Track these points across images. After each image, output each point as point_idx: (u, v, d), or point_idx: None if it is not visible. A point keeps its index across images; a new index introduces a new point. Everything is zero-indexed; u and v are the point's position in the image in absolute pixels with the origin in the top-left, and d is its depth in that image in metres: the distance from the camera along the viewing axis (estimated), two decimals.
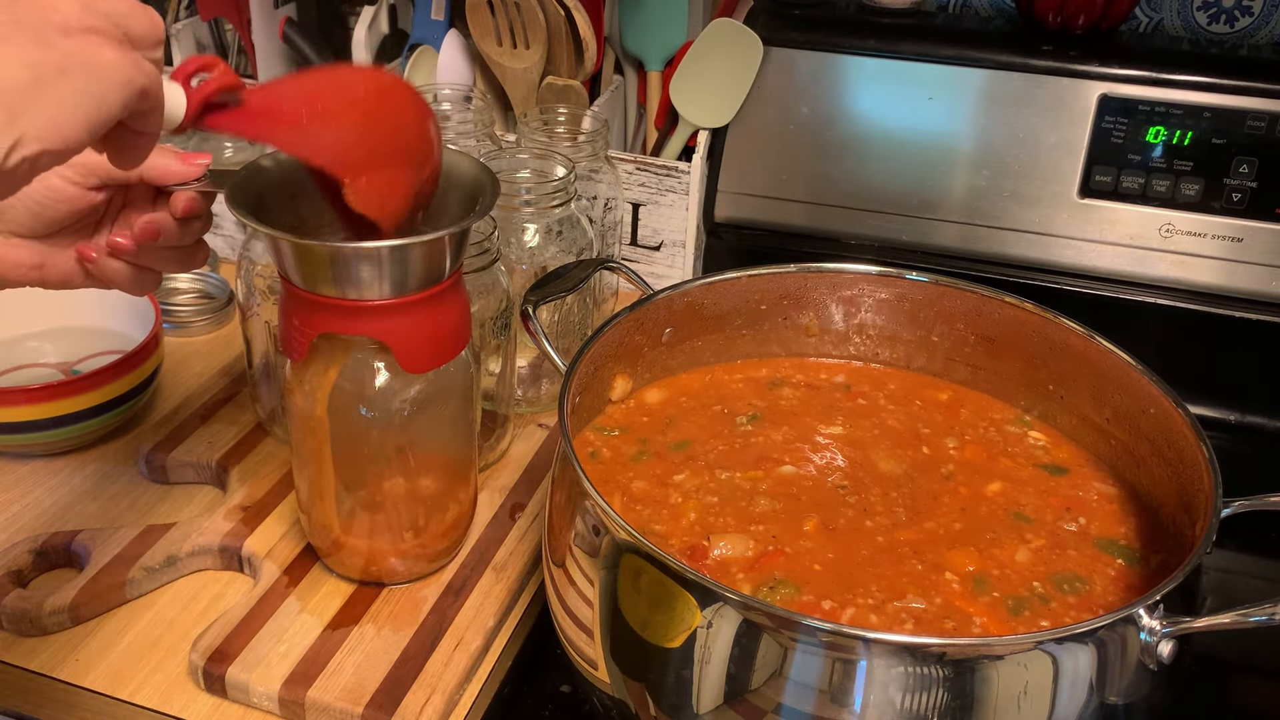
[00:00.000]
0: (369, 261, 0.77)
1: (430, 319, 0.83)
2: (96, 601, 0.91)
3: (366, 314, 0.80)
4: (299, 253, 0.78)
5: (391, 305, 0.80)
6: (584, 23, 1.29)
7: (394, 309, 0.80)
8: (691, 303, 0.98)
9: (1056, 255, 1.28)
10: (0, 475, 1.05)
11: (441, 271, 0.81)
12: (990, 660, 0.64)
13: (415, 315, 0.81)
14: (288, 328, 0.83)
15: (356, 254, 0.77)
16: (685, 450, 0.93)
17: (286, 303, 0.83)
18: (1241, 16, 1.33)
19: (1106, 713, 0.68)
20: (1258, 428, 1.25)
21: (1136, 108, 1.21)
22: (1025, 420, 0.98)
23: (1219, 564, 1.03)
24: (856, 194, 1.33)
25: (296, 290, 0.80)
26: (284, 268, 0.80)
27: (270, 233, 0.77)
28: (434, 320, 0.83)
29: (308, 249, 0.78)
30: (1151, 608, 0.66)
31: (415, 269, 0.79)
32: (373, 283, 0.78)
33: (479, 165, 0.86)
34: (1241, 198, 1.21)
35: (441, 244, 0.80)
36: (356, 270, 0.78)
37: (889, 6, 1.34)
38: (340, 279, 0.78)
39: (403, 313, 0.80)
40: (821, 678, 0.65)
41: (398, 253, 0.78)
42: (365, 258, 0.77)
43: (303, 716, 0.83)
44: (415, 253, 0.78)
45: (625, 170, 1.34)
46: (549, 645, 0.91)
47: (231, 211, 0.77)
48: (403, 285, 0.79)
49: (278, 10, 1.40)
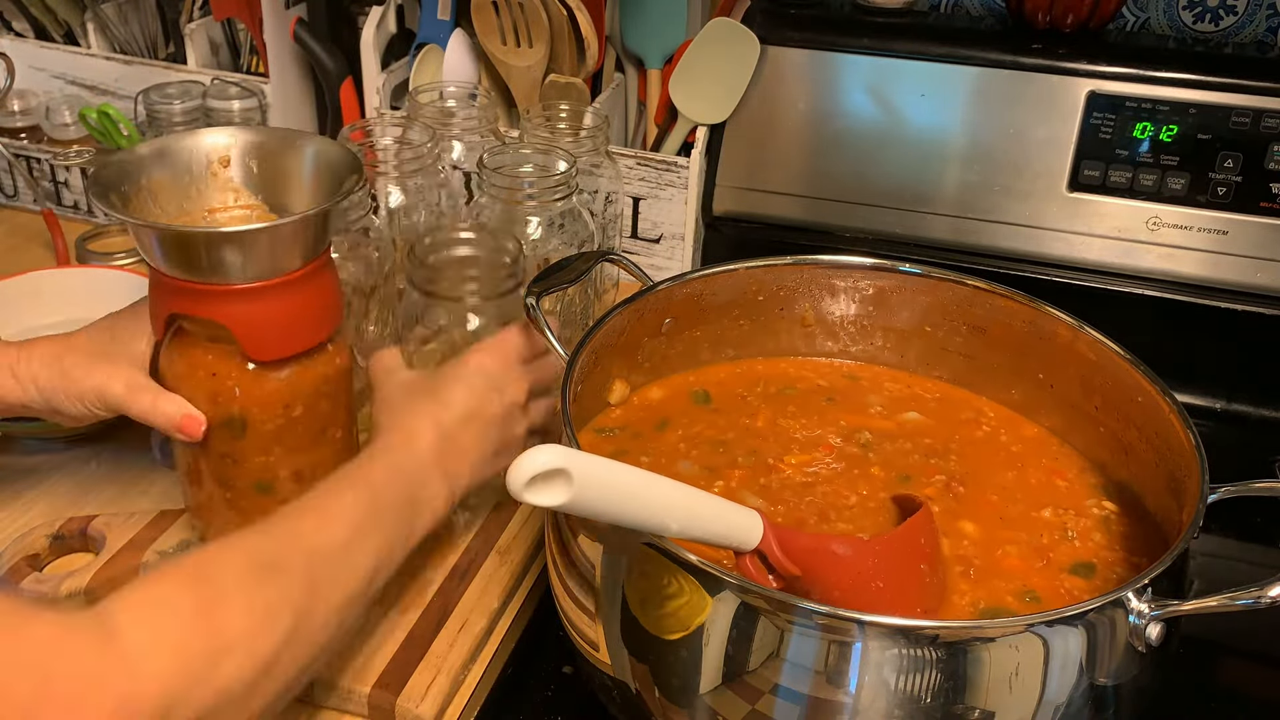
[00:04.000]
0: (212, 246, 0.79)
1: (275, 308, 0.83)
2: (112, 585, 0.89)
3: (208, 298, 0.81)
4: (152, 235, 0.81)
5: (231, 291, 0.81)
6: (586, 22, 1.30)
7: (234, 295, 0.81)
8: (690, 294, 0.98)
9: (1046, 248, 1.29)
10: (18, 462, 1.06)
11: (292, 260, 0.82)
12: (982, 642, 0.65)
13: (258, 303, 0.82)
14: (150, 306, 0.87)
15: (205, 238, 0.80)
16: (685, 445, 0.94)
17: (150, 284, 0.86)
18: (1226, 15, 1.34)
19: (1096, 694, 0.69)
20: (1242, 415, 1.26)
21: (1124, 104, 1.22)
22: None
23: (1206, 549, 1.00)
24: (851, 188, 1.34)
25: (157, 273, 0.83)
26: (145, 252, 0.83)
27: (124, 219, 0.81)
28: (280, 309, 0.83)
29: (163, 233, 0.81)
30: (1140, 591, 0.67)
31: (260, 256, 0.80)
32: (211, 266, 0.80)
33: (345, 152, 0.88)
34: (1226, 192, 1.22)
35: (285, 232, 0.81)
36: (204, 253, 0.80)
37: (882, 6, 1.35)
38: (188, 260, 0.80)
39: (245, 299, 0.81)
40: (817, 659, 0.66)
41: (238, 239, 0.79)
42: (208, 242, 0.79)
43: (311, 696, 0.84)
44: (259, 239, 0.80)
45: (626, 165, 1.35)
46: (551, 627, 0.91)
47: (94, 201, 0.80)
48: (239, 272, 0.80)
49: (289, 11, 1.41)
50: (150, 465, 1.07)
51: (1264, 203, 1.22)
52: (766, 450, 0.93)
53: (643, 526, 0.67)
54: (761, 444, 0.94)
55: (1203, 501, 0.74)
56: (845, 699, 0.66)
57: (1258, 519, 1.10)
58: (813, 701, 0.67)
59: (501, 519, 1.00)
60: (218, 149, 0.89)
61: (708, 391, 1.00)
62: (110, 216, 0.83)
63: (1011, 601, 0.79)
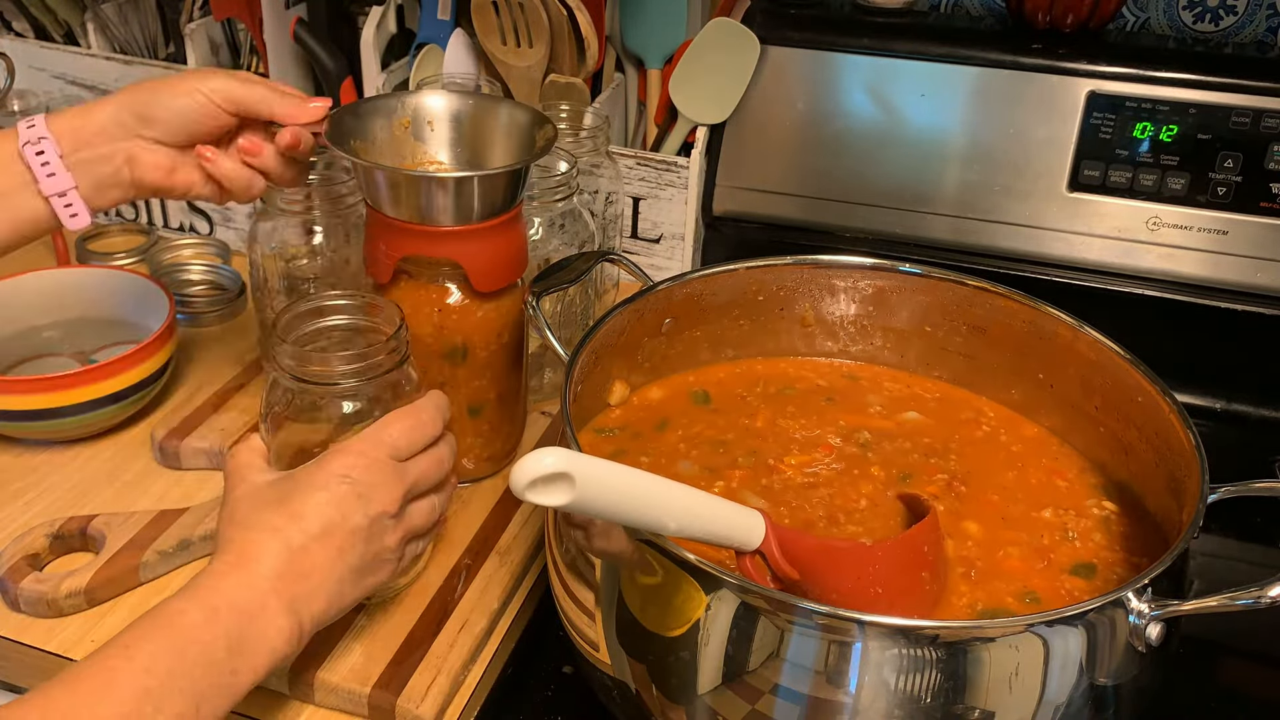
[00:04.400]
0: (444, 190, 0.89)
1: (496, 245, 0.93)
2: (111, 584, 0.92)
3: (443, 239, 0.91)
4: (390, 180, 0.90)
5: (463, 231, 0.91)
6: (586, 22, 1.29)
7: (465, 235, 0.91)
8: (690, 293, 0.98)
9: (1046, 248, 1.29)
10: (19, 461, 1.06)
11: (505, 203, 0.92)
12: (982, 642, 0.65)
13: (484, 241, 0.92)
14: (374, 252, 0.95)
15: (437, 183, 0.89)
16: (685, 445, 0.94)
17: (372, 229, 0.95)
18: (1226, 15, 1.34)
19: (1096, 693, 0.69)
20: (1242, 415, 1.26)
21: (1124, 104, 1.22)
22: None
23: (1206, 549, 1.02)
24: (851, 188, 1.34)
25: (383, 217, 0.92)
26: (375, 197, 0.92)
27: (366, 163, 0.90)
28: (498, 246, 0.94)
29: (398, 176, 0.91)
30: (1140, 591, 0.67)
31: (484, 200, 0.90)
32: (446, 210, 0.90)
33: (534, 112, 0.97)
34: (1226, 192, 1.22)
35: (503, 179, 0.91)
36: (433, 198, 0.89)
37: (882, 6, 1.35)
38: (422, 206, 0.90)
39: (474, 238, 0.92)
40: (817, 659, 0.66)
41: (468, 184, 0.90)
42: (441, 186, 0.89)
43: (311, 696, 0.85)
44: (483, 185, 0.90)
45: (626, 165, 1.35)
46: (551, 627, 0.92)
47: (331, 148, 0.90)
48: (469, 214, 0.90)
49: (289, 10, 1.41)
50: (149, 466, 1.07)
51: (1264, 203, 1.22)
52: (766, 450, 0.93)
53: (644, 525, 0.67)
54: (761, 444, 0.94)
55: (1203, 501, 0.74)
56: (845, 699, 0.66)
57: (1258, 519, 1.10)
58: (813, 701, 0.67)
59: (502, 519, 1.00)
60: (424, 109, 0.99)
61: (707, 391, 1.00)
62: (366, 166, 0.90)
63: (1012, 603, 0.79)
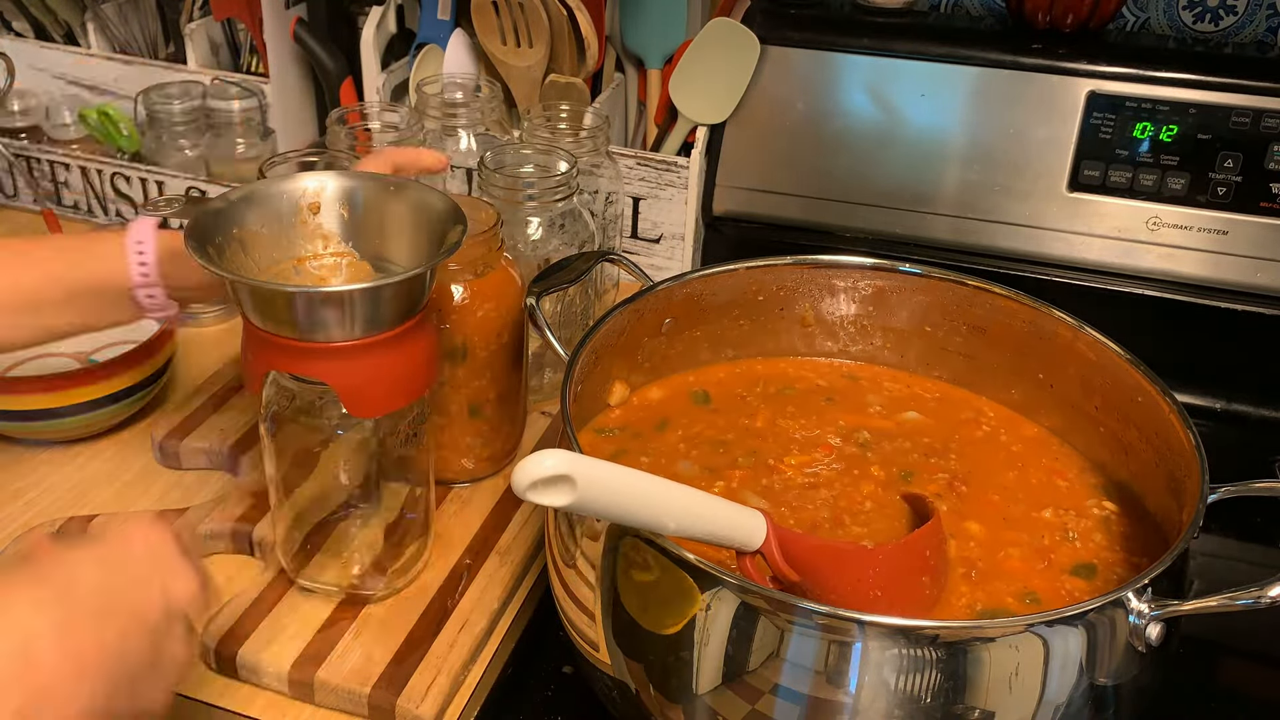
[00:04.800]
0: (315, 304, 0.76)
1: (379, 364, 0.80)
2: None
3: (313, 355, 0.78)
4: (252, 293, 0.78)
5: (338, 349, 0.78)
6: (586, 22, 1.30)
7: (340, 353, 0.78)
8: (690, 293, 0.98)
9: (1046, 248, 1.29)
10: (19, 461, 1.06)
11: (396, 316, 0.80)
12: (982, 642, 0.65)
13: (363, 360, 0.79)
14: (243, 358, 0.83)
15: (306, 298, 0.76)
16: (685, 445, 0.94)
17: (245, 338, 0.82)
18: (1226, 15, 1.33)
19: (1096, 693, 0.69)
20: (1242, 415, 1.26)
21: (1124, 104, 1.22)
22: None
23: (1205, 549, 1.01)
24: (851, 188, 1.34)
25: (252, 327, 0.80)
26: (240, 306, 0.80)
27: (225, 275, 0.77)
28: (383, 365, 0.80)
29: (259, 290, 0.78)
30: (1140, 591, 0.67)
31: (366, 314, 0.77)
32: (319, 324, 0.77)
33: (450, 204, 0.84)
34: (1226, 192, 1.22)
35: (385, 292, 0.78)
36: (305, 312, 0.76)
37: (882, 6, 1.35)
38: (289, 318, 0.77)
39: (351, 356, 0.78)
40: (817, 659, 0.66)
41: (338, 298, 0.76)
42: (312, 301, 0.76)
43: (312, 697, 0.85)
44: (360, 299, 0.77)
45: (626, 165, 1.35)
46: (551, 628, 0.92)
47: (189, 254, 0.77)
48: (350, 329, 0.77)
49: (289, 10, 1.41)
50: (150, 466, 1.07)
51: (1264, 203, 1.22)
52: (766, 451, 0.93)
53: (644, 525, 0.67)
54: (761, 444, 0.94)
55: (1203, 501, 0.74)
56: (845, 699, 0.66)
57: (1258, 519, 1.10)
58: (813, 701, 0.67)
59: (502, 519, 1.00)
60: (308, 195, 0.86)
61: (707, 392, 1.00)
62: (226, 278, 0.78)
63: (1012, 603, 0.79)
